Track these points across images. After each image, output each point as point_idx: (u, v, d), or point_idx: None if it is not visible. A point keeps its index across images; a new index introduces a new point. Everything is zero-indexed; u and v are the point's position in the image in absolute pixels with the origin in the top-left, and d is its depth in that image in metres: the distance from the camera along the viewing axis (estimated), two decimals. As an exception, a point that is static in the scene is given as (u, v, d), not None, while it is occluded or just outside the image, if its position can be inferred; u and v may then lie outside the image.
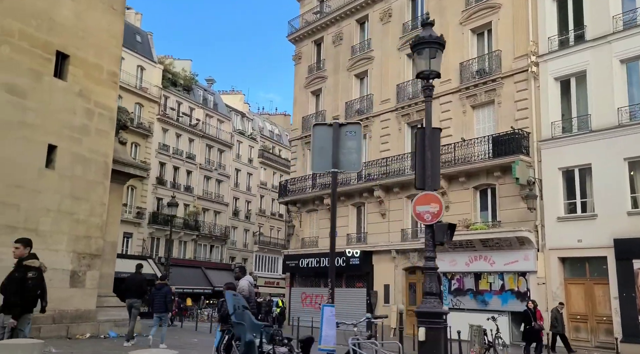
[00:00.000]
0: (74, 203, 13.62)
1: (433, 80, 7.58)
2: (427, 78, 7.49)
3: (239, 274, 10.30)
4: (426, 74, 7.46)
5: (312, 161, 5.36)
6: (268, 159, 55.85)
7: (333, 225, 5.33)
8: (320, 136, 5.13)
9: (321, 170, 5.52)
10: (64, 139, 13.46)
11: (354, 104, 26.72)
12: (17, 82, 12.38)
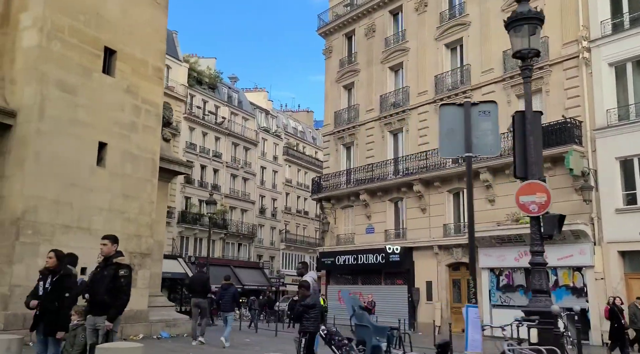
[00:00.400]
0: (124, 202, 13.35)
1: (532, 59, 7.01)
2: (525, 57, 6.94)
3: (302, 270, 9.89)
4: (524, 53, 6.91)
5: (440, 145, 4.87)
6: (293, 156, 55.52)
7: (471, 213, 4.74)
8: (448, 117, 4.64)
9: (451, 155, 5.01)
10: (113, 136, 13.19)
11: (389, 97, 26.15)
12: (67, 79, 12.13)
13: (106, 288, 5.75)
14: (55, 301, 6.27)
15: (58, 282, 6.38)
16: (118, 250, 6.20)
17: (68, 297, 6.35)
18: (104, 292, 5.73)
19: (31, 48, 11.71)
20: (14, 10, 12.13)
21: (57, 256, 6.61)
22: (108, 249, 6.02)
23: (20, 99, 11.59)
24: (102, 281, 5.79)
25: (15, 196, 11.05)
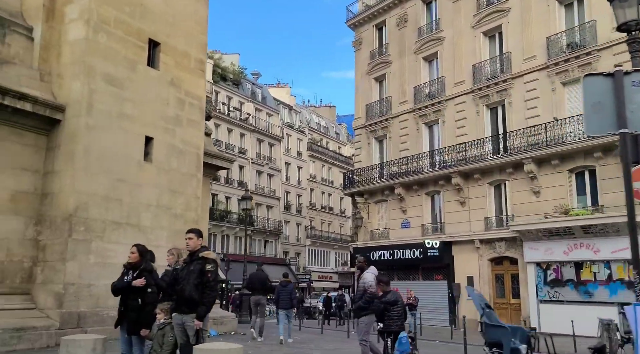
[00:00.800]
0: (171, 197, 13.08)
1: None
2: (632, 30, 6.35)
3: (362, 264, 9.39)
4: (631, 24, 6.33)
5: (586, 121, 4.34)
6: (317, 151, 55.13)
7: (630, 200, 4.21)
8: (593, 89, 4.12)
9: (600, 132, 4.47)
10: (159, 130, 12.91)
11: (424, 88, 25.53)
12: (114, 72, 11.87)
13: (194, 284, 5.39)
14: (138, 298, 5.97)
15: (140, 277, 6.07)
16: (203, 244, 5.84)
17: (151, 292, 6.04)
18: (192, 288, 5.36)
19: (78, 41, 11.45)
20: (60, 3, 11.89)
21: (140, 251, 6.32)
22: (194, 243, 5.66)
23: (68, 93, 11.36)
24: (189, 277, 5.43)
25: (67, 192, 10.82)
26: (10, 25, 11.22)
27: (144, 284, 6.07)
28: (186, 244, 5.75)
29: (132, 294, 6.05)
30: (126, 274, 6.28)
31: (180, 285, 5.48)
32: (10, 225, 10.52)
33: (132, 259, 6.27)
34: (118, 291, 6.22)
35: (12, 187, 10.65)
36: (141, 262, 6.26)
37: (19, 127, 10.85)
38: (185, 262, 5.74)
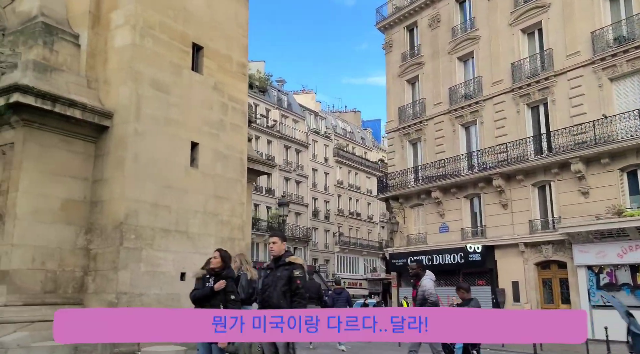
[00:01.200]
0: (217, 203, 12.81)
1: None
2: None
3: (417, 270, 8.83)
4: None
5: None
6: (343, 157, 54.73)
7: None
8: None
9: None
10: (204, 135, 12.68)
11: (459, 88, 24.95)
12: (160, 77, 11.69)
13: (281, 292, 5.02)
14: (219, 305, 5.63)
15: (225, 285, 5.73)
16: (287, 249, 5.47)
17: (233, 300, 5.69)
18: (280, 296, 5.00)
19: (124, 46, 11.31)
20: (105, 9, 11.79)
21: (222, 257, 5.99)
22: (278, 247, 5.31)
23: (115, 100, 11.20)
24: (276, 283, 5.07)
25: (117, 199, 10.62)
26: (58, 33, 11.14)
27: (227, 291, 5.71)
28: (270, 249, 5.39)
29: (214, 301, 5.71)
30: (207, 280, 5.94)
31: (266, 292, 5.12)
32: (62, 234, 10.37)
33: (215, 264, 5.93)
34: (199, 300, 5.86)
35: (63, 195, 10.51)
36: (224, 268, 5.93)
37: (68, 134, 10.72)
38: (269, 268, 5.38)
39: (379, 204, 61.39)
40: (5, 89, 9.68)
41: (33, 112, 10.00)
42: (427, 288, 8.28)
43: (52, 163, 10.39)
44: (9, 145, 10.11)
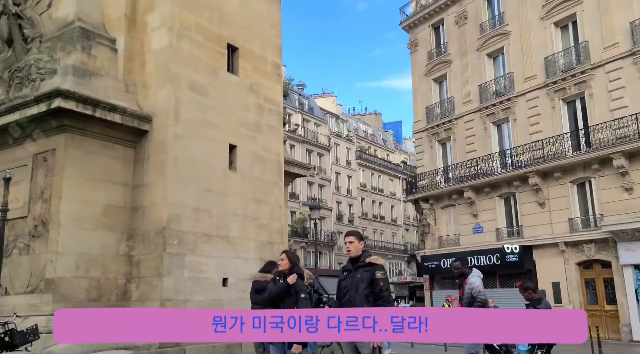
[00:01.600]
0: (256, 207, 12.55)
1: None
2: None
3: (462, 269, 8.33)
4: None
5: None
6: (365, 159, 54.29)
7: None
8: None
9: None
10: (241, 137, 12.45)
11: (489, 86, 24.37)
12: (197, 79, 11.50)
13: (364, 295, 4.67)
14: (294, 304, 5.29)
15: (292, 286, 5.41)
16: (364, 249, 5.12)
17: (304, 298, 5.32)
18: (362, 300, 4.64)
19: (162, 49, 11.15)
20: (140, 12, 11.66)
21: (290, 258, 5.66)
22: (355, 247, 4.96)
23: (154, 103, 11.03)
24: (357, 286, 4.72)
25: (159, 204, 10.42)
26: (95, 37, 11.03)
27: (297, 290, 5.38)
28: (347, 250, 5.04)
29: (288, 301, 5.37)
30: (277, 282, 5.62)
31: (345, 296, 4.77)
32: (104, 241, 10.19)
33: (283, 266, 5.61)
34: (273, 300, 5.48)
35: (105, 201, 10.34)
36: (292, 270, 5.60)
37: (108, 139, 10.58)
38: (346, 269, 5.03)
39: (403, 206, 60.76)
40: (46, 94, 9.56)
41: (74, 117, 9.87)
42: (475, 285, 7.86)
43: (93, 169, 10.24)
44: (51, 151, 9.99)
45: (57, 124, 9.86)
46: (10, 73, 10.94)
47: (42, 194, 9.76)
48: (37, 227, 9.62)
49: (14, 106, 9.99)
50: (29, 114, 9.81)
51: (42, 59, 10.62)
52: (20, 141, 10.46)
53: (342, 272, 5.14)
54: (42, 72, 10.40)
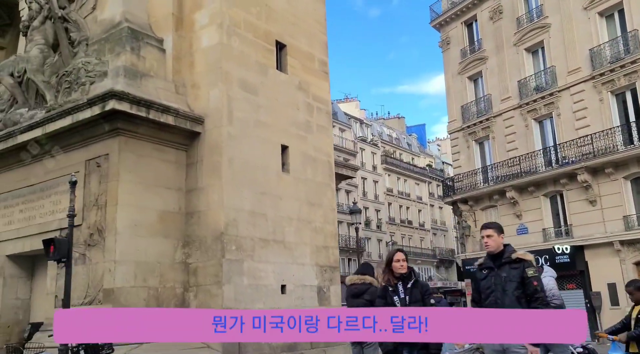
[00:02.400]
0: (309, 210, 11.99)
1: None
2: None
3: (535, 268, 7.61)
4: None
5: None
6: (391, 164, 53.53)
7: None
8: None
9: None
10: (292, 137, 11.92)
11: (529, 81, 23.53)
12: (248, 77, 11.02)
13: (515, 297, 4.04)
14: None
15: (418, 288, 4.80)
16: (505, 243, 4.51)
17: (433, 305, 4.73)
18: (513, 302, 4.03)
19: (212, 47, 10.70)
20: (188, 11, 11.26)
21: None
22: (495, 241, 4.36)
23: (205, 103, 10.58)
24: (504, 287, 4.10)
25: (216, 208, 9.92)
26: (143, 38, 10.65)
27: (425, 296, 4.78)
28: (485, 244, 4.43)
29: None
30: (395, 289, 5.00)
31: (489, 298, 4.15)
32: (160, 248, 9.72)
33: (402, 269, 4.99)
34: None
35: (159, 207, 9.88)
36: (411, 272, 5.00)
37: (160, 142, 10.15)
38: (485, 267, 4.41)
39: (430, 210, 59.77)
40: (100, 96, 9.16)
41: (127, 120, 9.45)
42: (550, 287, 7.09)
43: (147, 173, 9.80)
44: (104, 156, 9.58)
45: (110, 127, 9.45)
46: (58, 78, 10.60)
47: (96, 201, 9.33)
48: (93, 236, 9.18)
49: (65, 111, 9.61)
50: (81, 118, 9.42)
51: (91, 62, 10.25)
52: (71, 147, 10.08)
53: (479, 270, 4.53)
54: (91, 75, 10.03)
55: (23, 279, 10.63)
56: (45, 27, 11.51)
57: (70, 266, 7.54)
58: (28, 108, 10.95)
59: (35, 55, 11.09)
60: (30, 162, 10.64)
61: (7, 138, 10.63)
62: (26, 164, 10.73)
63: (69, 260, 7.47)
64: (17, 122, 10.74)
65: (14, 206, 10.85)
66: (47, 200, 10.13)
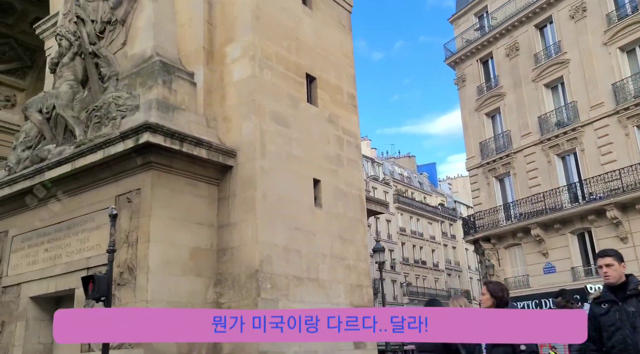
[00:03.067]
0: (342, 246, 11.49)
1: None
2: None
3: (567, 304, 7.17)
4: None
5: None
6: (403, 203, 52.97)
7: None
8: None
9: None
10: (324, 171, 11.58)
11: (550, 117, 23.31)
12: (280, 110, 10.80)
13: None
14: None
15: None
16: (628, 273, 4.03)
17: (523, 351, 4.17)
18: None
19: (244, 79, 10.53)
20: (218, 44, 11.17)
21: (491, 291, 4.55)
22: (617, 271, 3.88)
23: (237, 136, 10.31)
24: (633, 324, 3.59)
25: (250, 244, 9.46)
26: (175, 71, 10.51)
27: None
28: (603, 275, 3.94)
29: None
30: None
31: (614, 337, 3.62)
32: (192, 287, 9.22)
33: (484, 302, 4.51)
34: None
35: (191, 244, 9.44)
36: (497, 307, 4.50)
37: (192, 177, 9.81)
38: (605, 301, 3.91)
39: (444, 250, 58.70)
40: (134, 129, 8.90)
41: (161, 153, 9.16)
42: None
43: (179, 209, 9.42)
44: (135, 191, 9.22)
45: (143, 161, 9.14)
46: (88, 113, 10.40)
47: (127, 238, 8.91)
48: (123, 275, 8.70)
49: (97, 145, 9.34)
50: (113, 152, 9.13)
51: (122, 96, 10.07)
52: (100, 182, 9.76)
53: (597, 305, 4.01)
54: (122, 109, 9.82)
55: (46, 322, 10.07)
56: (75, 63, 11.43)
57: (110, 305, 7.04)
58: (56, 144, 10.71)
59: (64, 91, 10.95)
60: (57, 199, 10.30)
61: (35, 175, 10.34)
62: (53, 201, 10.39)
63: (108, 299, 6.98)
64: (45, 158, 10.48)
65: (39, 245, 10.44)
66: (74, 238, 9.72)
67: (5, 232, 11.25)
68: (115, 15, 11.48)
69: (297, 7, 11.93)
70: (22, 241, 10.92)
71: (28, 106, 11.42)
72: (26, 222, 10.92)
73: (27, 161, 10.86)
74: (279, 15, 11.35)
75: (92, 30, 11.40)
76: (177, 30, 11.40)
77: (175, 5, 11.61)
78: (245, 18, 10.74)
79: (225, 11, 11.16)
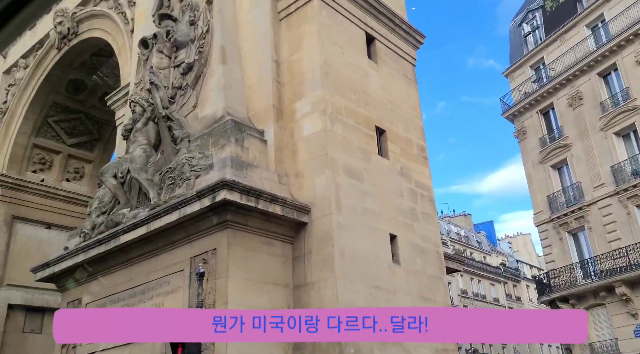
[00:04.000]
0: (423, 306, 10.60)
1: None
2: None
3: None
4: None
5: None
6: (463, 264, 50.63)
7: None
8: None
9: None
10: (399, 226, 10.98)
11: (625, 166, 21.98)
12: (352, 164, 10.48)
13: None
14: None
15: None
16: None
17: None
18: None
19: (315, 134, 10.36)
20: (287, 101, 11.17)
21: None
22: None
23: (311, 192, 9.99)
24: None
25: (329, 305, 8.77)
26: (246, 130, 10.50)
27: None
28: None
29: None
30: None
31: None
32: (272, 352, 8.55)
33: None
34: None
35: (267, 306, 8.86)
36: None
37: (267, 235, 9.47)
38: None
39: (509, 314, 55.09)
40: (210, 187, 8.74)
41: (236, 211, 8.91)
42: None
43: (255, 269, 9.01)
44: (211, 252, 8.92)
45: (219, 220, 8.90)
46: (162, 175, 10.43)
47: (203, 302, 8.48)
48: (200, 340, 8.20)
49: (172, 206, 9.23)
50: (189, 212, 8.96)
51: (195, 157, 10.07)
52: (174, 245, 9.56)
53: None
54: (196, 169, 9.77)
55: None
56: (148, 128, 11.67)
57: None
58: (130, 208, 10.73)
59: (138, 155, 11.11)
60: (131, 263, 10.15)
61: (110, 240, 10.29)
62: (127, 266, 10.24)
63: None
64: (120, 222, 10.46)
65: (112, 311, 10.19)
66: (149, 302, 9.40)
67: (78, 300, 11.13)
68: (185, 80, 11.80)
69: (363, 62, 11.90)
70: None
71: (104, 172, 11.62)
72: (99, 289, 10.76)
73: (102, 226, 10.89)
74: (346, 70, 11.32)
75: (165, 95, 11.70)
76: (245, 91, 11.53)
77: (244, 68, 11.83)
78: (314, 74, 10.73)
79: (293, 69, 11.24)
